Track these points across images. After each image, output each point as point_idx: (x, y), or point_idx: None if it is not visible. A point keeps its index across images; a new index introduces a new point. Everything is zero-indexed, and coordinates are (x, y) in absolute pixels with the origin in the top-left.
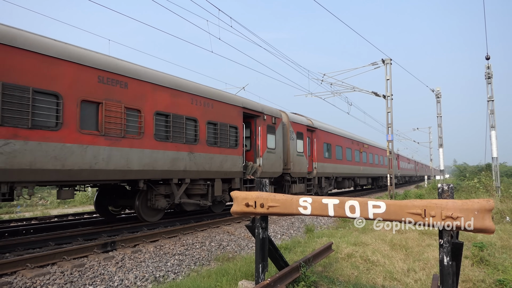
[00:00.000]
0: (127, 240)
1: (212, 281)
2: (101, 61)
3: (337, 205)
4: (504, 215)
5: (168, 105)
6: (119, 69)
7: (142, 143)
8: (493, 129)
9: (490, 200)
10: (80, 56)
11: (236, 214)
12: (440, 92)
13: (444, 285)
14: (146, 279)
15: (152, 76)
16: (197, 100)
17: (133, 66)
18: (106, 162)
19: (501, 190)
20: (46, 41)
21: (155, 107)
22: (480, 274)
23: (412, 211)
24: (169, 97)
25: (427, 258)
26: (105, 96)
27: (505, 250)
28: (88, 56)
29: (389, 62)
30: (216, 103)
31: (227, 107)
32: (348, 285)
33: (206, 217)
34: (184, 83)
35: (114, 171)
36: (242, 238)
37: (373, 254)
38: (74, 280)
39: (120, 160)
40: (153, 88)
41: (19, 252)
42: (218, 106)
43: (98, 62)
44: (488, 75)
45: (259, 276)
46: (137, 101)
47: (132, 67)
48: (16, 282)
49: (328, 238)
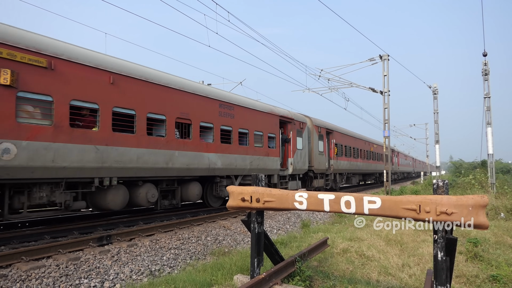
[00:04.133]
0: (122, 234)
1: (208, 275)
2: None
3: (333, 201)
4: (499, 211)
5: (250, 123)
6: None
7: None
8: (489, 125)
9: (484, 196)
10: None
11: (232, 209)
12: (437, 89)
13: (438, 280)
14: (142, 272)
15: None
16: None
17: (239, 97)
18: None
19: (496, 187)
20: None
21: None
22: (474, 270)
23: (407, 207)
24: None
25: (421, 254)
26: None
27: (499, 246)
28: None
29: (386, 58)
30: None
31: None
32: (343, 279)
33: (202, 212)
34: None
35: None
36: (238, 232)
37: (368, 249)
38: (70, 273)
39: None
40: (257, 115)
41: (14, 245)
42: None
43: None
44: (485, 71)
45: (255, 271)
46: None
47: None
48: (11, 275)
49: (324, 233)
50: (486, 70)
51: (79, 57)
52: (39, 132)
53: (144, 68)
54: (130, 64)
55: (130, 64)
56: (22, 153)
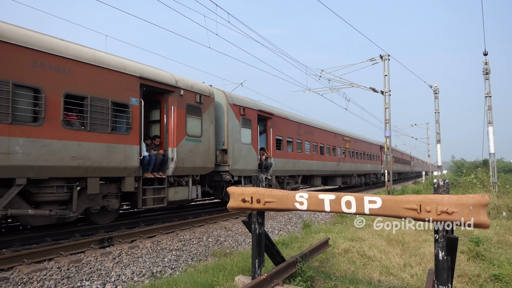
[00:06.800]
0: (124, 236)
1: (209, 276)
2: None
3: (333, 201)
4: (501, 210)
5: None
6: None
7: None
8: (490, 125)
9: (485, 195)
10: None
11: (233, 210)
12: (438, 88)
13: (439, 280)
14: (143, 274)
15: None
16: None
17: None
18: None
19: (498, 186)
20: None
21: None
22: (475, 269)
23: (408, 206)
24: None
25: (423, 253)
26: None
27: (501, 245)
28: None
29: (387, 58)
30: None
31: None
32: (345, 280)
33: (203, 213)
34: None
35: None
36: (240, 233)
37: (369, 250)
38: (71, 275)
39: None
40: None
41: (16, 248)
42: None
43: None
44: (486, 70)
45: (256, 272)
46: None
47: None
48: (13, 277)
49: (325, 233)
50: (487, 69)
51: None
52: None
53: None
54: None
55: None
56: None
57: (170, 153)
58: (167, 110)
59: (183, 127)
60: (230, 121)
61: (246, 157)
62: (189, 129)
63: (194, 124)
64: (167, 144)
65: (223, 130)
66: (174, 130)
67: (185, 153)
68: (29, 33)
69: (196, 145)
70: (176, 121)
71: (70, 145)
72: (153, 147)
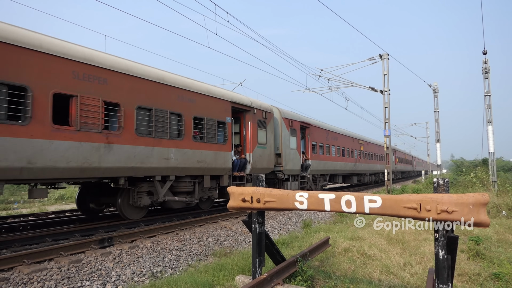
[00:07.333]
0: (124, 236)
1: (210, 276)
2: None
3: (333, 200)
4: (501, 209)
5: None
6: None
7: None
8: (490, 124)
9: (485, 194)
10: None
11: (233, 209)
12: (437, 87)
13: (440, 279)
14: (144, 274)
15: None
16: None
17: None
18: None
19: (497, 185)
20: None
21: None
22: (476, 268)
23: (408, 206)
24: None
25: (423, 252)
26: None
27: (501, 244)
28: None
29: (386, 57)
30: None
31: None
32: (345, 279)
33: (203, 213)
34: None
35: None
36: (240, 233)
37: (370, 249)
38: (71, 275)
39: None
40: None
41: (16, 248)
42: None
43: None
44: (485, 69)
45: (256, 271)
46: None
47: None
48: (13, 278)
49: (325, 233)
50: (486, 68)
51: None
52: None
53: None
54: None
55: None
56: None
57: (248, 157)
58: (245, 125)
59: (255, 137)
60: (283, 131)
61: (293, 160)
62: (259, 139)
63: (262, 135)
64: (245, 150)
65: (278, 139)
66: (250, 139)
67: (257, 157)
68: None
69: (263, 151)
70: (251, 132)
71: (197, 152)
72: (236, 153)
